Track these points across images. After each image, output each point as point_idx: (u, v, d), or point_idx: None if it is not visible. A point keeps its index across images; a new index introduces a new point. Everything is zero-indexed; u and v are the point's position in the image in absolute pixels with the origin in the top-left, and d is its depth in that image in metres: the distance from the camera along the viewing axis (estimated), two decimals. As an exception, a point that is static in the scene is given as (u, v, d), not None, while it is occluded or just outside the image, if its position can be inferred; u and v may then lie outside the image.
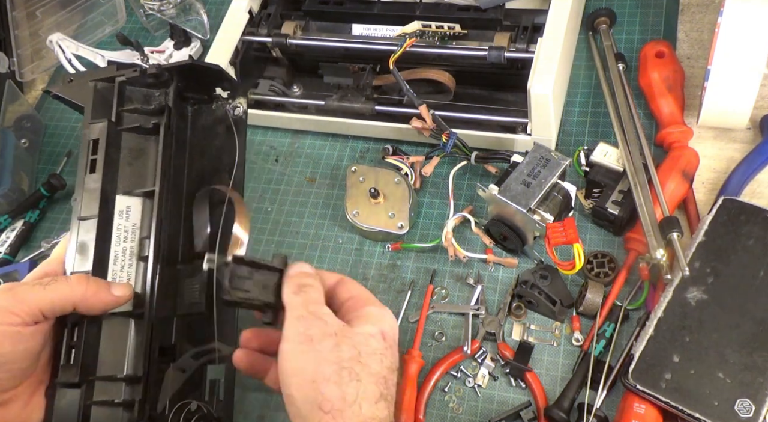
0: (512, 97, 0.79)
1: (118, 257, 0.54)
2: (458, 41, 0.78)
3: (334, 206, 0.81)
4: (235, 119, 0.62)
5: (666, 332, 0.60)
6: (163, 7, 0.98)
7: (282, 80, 0.87)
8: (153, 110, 0.57)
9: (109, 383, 0.50)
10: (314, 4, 0.84)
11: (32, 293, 0.48)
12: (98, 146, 0.55)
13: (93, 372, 0.51)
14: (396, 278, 0.75)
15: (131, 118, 0.57)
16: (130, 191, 0.55)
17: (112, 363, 0.51)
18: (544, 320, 0.69)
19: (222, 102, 0.62)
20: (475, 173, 0.79)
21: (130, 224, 0.55)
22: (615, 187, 0.70)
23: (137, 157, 0.57)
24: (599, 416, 0.61)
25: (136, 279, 0.53)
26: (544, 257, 0.71)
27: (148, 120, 0.57)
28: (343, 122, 0.83)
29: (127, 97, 0.58)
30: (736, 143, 0.73)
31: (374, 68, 0.81)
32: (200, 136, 0.62)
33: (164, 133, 0.56)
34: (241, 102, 0.63)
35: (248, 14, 0.85)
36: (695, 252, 0.63)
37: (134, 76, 0.58)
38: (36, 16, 1.08)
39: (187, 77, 0.60)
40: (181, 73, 0.59)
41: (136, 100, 0.58)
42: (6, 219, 0.90)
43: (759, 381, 0.56)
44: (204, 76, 0.61)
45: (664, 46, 0.77)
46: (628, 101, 0.75)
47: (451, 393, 0.68)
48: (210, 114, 0.62)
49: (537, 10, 0.77)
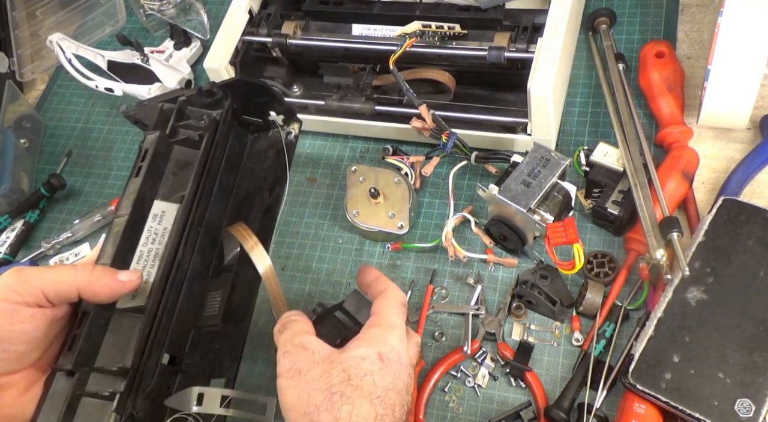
0: (512, 97, 0.79)
1: (142, 256, 0.54)
2: (458, 41, 0.78)
3: (334, 206, 0.81)
4: (287, 143, 0.64)
5: (666, 332, 0.60)
6: (163, 7, 0.98)
7: (282, 80, 0.87)
8: (204, 125, 0.59)
9: (103, 375, 0.50)
10: (314, 4, 0.84)
11: (37, 275, 0.49)
12: (147, 154, 0.57)
13: (91, 363, 0.50)
14: (396, 278, 0.75)
15: (185, 133, 0.60)
16: (168, 197, 0.57)
17: (112, 356, 0.51)
18: (544, 320, 0.69)
19: (278, 128, 0.65)
20: (475, 173, 0.79)
21: (161, 228, 0.56)
22: (615, 187, 0.70)
23: (182, 168, 0.59)
24: (599, 416, 0.61)
25: (155, 280, 0.53)
26: (544, 257, 0.71)
27: (197, 134, 0.59)
28: (343, 122, 0.83)
29: (186, 116, 0.61)
30: (736, 143, 0.73)
31: (374, 68, 0.81)
32: (254, 160, 0.65)
33: (206, 143, 0.58)
34: (294, 127, 0.65)
35: (248, 14, 0.85)
36: (695, 252, 0.63)
37: (193, 93, 0.60)
38: (36, 16, 1.08)
39: (240, 96, 0.62)
40: (234, 91, 0.61)
41: (194, 118, 0.60)
42: (6, 219, 0.90)
43: (759, 381, 0.56)
44: (255, 96, 0.63)
45: (664, 46, 0.77)
46: (628, 101, 0.75)
47: (451, 393, 0.68)
48: (266, 140, 0.65)
49: (537, 10, 0.77)
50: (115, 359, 0.51)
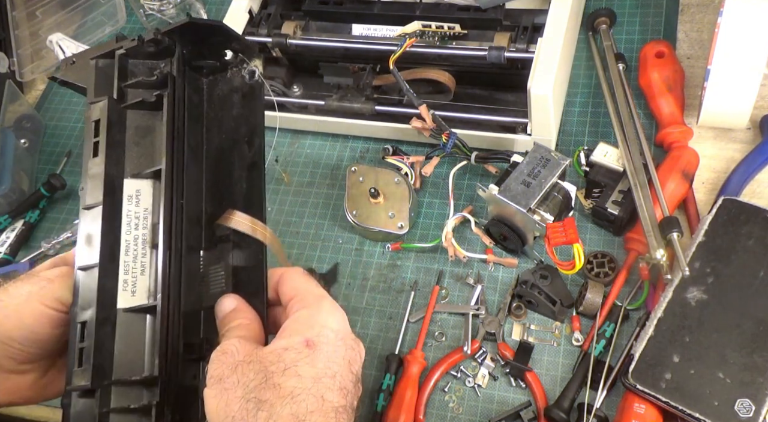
0: (512, 98, 0.79)
1: (129, 246, 0.49)
2: (458, 41, 0.78)
3: (334, 206, 0.81)
4: (251, 84, 0.56)
5: (666, 332, 0.60)
6: (163, 7, 0.98)
7: (282, 80, 0.87)
8: (157, 81, 0.52)
9: (126, 387, 0.46)
10: (314, 4, 0.84)
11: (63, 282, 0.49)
12: (99, 127, 0.50)
13: (109, 376, 0.47)
14: (396, 278, 0.75)
15: (135, 93, 0.52)
16: (139, 173, 0.50)
17: (128, 364, 0.47)
18: (544, 320, 0.69)
19: (236, 67, 0.56)
20: (475, 173, 0.79)
21: (141, 210, 0.50)
22: (615, 187, 0.70)
23: (144, 135, 0.52)
24: (599, 416, 0.61)
25: (151, 270, 0.49)
26: (544, 257, 0.70)
27: (152, 94, 0.52)
28: (343, 122, 0.83)
29: (130, 72, 0.53)
30: (736, 143, 0.73)
31: (374, 68, 0.81)
32: (217, 108, 0.56)
33: (168, 105, 0.51)
34: (256, 64, 0.57)
35: (248, 14, 0.85)
36: (695, 252, 0.63)
37: (133, 46, 0.52)
38: (36, 16, 1.08)
39: (191, 41, 0.54)
40: (184, 36, 0.53)
41: (141, 73, 0.53)
42: (6, 219, 0.90)
43: (759, 381, 0.56)
44: (209, 38, 0.56)
45: (664, 46, 0.77)
46: (628, 101, 0.75)
47: (451, 393, 0.68)
48: (225, 83, 0.57)
49: (537, 10, 0.77)
50: (134, 366, 0.47)
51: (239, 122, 0.56)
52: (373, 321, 0.73)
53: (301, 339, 0.44)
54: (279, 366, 0.42)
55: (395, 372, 0.68)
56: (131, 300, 0.48)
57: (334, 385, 0.43)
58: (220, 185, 0.54)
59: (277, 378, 0.42)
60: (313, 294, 0.47)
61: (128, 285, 0.48)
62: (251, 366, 0.43)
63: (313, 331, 0.45)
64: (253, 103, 0.56)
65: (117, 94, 0.52)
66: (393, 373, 0.68)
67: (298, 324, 0.45)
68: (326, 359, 0.44)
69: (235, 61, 0.56)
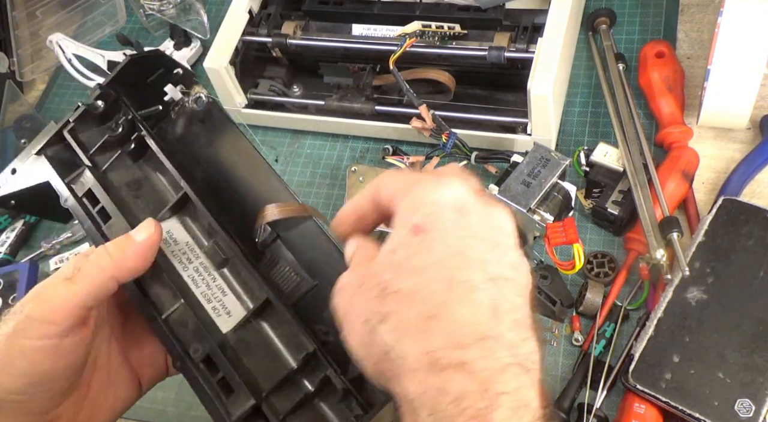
0: (512, 98, 0.79)
1: (195, 279, 0.47)
2: (458, 41, 0.78)
3: (334, 206, 0.81)
4: (205, 110, 0.53)
5: (666, 332, 0.60)
6: (163, 7, 0.98)
7: (282, 80, 0.87)
8: (124, 132, 0.50)
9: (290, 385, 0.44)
10: (314, 4, 0.84)
11: (63, 293, 0.41)
12: (95, 194, 0.48)
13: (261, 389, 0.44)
14: (396, 278, 0.75)
15: (106, 157, 0.50)
16: (160, 217, 0.48)
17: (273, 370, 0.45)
18: (544, 320, 0.69)
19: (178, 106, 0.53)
20: (475, 173, 0.79)
21: (183, 244, 0.48)
22: (615, 187, 0.70)
23: (139, 187, 0.50)
24: (599, 416, 0.61)
25: (230, 287, 0.47)
26: (544, 257, 0.70)
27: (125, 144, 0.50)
28: (343, 122, 0.83)
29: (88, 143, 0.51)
30: (736, 143, 0.73)
31: (374, 68, 0.81)
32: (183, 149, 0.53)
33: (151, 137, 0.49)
34: (198, 90, 0.53)
35: (248, 14, 0.85)
36: (695, 252, 0.63)
37: (79, 114, 0.50)
38: (36, 16, 1.08)
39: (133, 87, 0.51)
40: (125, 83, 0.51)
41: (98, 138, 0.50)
42: (6, 219, 0.90)
43: (759, 381, 0.56)
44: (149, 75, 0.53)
45: (664, 46, 0.77)
46: (628, 101, 0.75)
47: (451, 393, 0.67)
48: (174, 125, 0.53)
49: (537, 10, 0.77)
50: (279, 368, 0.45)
51: (214, 145, 0.53)
52: (373, 321, 0.72)
53: (405, 230, 0.35)
54: (392, 271, 0.35)
55: (395, 372, 0.68)
56: (231, 321, 0.47)
57: (465, 262, 0.34)
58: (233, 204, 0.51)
59: (394, 284, 0.34)
60: (411, 179, 0.38)
61: (220, 311, 0.47)
62: (365, 287, 0.36)
63: (419, 213, 0.36)
64: (217, 120, 0.53)
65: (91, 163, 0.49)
66: (393, 373, 0.68)
67: (401, 217, 0.37)
68: (445, 237, 0.35)
69: (175, 99, 0.53)
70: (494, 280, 0.34)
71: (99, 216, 0.48)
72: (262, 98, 0.86)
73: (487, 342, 0.32)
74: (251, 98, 0.86)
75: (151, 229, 0.44)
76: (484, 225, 0.35)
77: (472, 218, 0.35)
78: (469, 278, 0.33)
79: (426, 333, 0.32)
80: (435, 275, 0.33)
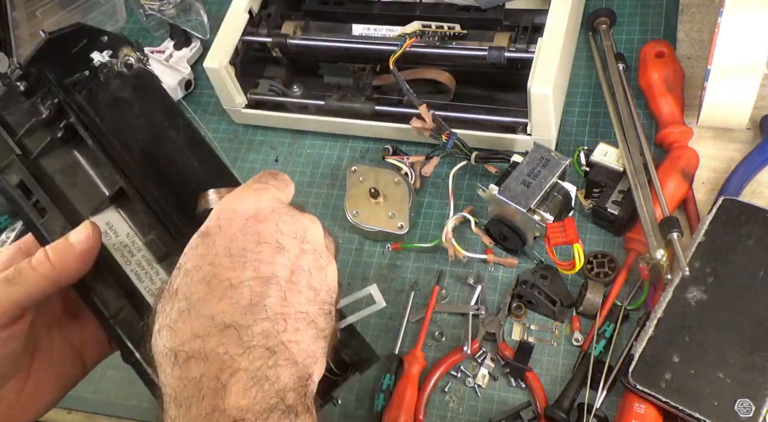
0: (512, 97, 0.79)
1: (138, 274, 0.46)
2: (458, 41, 0.78)
3: (334, 206, 0.81)
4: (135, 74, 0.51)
5: (666, 332, 0.60)
6: (163, 7, 0.98)
7: (282, 80, 0.87)
8: (51, 115, 0.47)
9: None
10: (314, 4, 0.84)
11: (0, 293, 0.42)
12: (28, 186, 0.46)
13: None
14: (396, 278, 0.75)
15: (34, 141, 0.47)
16: (97, 208, 0.47)
17: None
18: (544, 320, 0.69)
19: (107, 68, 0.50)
20: (475, 173, 0.79)
21: (124, 236, 0.47)
22: (615, 187, 0.70)
23: (74, 173, 0.48)
24: (599, 416, 0.61)
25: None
26: (544, 257, 0.70)
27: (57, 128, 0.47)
28: (343, 122, 0.83)
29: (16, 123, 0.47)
30: (736, 143, 0.73)
31: (374, 68, 0.81)
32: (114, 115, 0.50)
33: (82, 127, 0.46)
34: (127, 53, 0.51)
35: (248, 14, 0.85)
36: (695, 252, 0.63)
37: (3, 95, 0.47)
38: (36, 16, 1.08)
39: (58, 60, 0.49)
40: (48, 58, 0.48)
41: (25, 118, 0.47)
42: (6, 219, 0.90)
43: (759, 381, 0.56)
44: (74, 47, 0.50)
45: (664, 46, 0.77)
46: (628, 101, 0.75)
47: (451, 393, 0.68)
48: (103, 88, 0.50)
49: (537, 10, 0.77)
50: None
51: (148, 114, 0.51)
52: (373, 320, 0.73)
53: (195, 235, 0.38)
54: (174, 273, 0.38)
55: (395, 372, 0.68)
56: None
57: (235, 263, 0.36)
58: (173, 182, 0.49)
59: (169, 285, 0.37)
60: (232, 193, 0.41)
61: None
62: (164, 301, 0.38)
63: (212, 221, 0.39)
64: (150, 88, 0.52)
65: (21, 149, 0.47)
66: (393, 373, 0.68)
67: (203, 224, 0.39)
68: (225, 241, 0.37)
69: (104, 62, 0.50)
70: (265, 278, 0.37)
71: (35, 211, 0.46)
72: (262, 98, 0.86)
73: (228, 331, 0.35)
74: (251, 98, 0.86)
75: (89, 232, 0.44)
76: (275, 231, 0.38)
77: (268, 225, 0.38)
78: (233, 276, 0.36)
79: (173, 329, 0.35)
80: (199, 275, 0.36)
